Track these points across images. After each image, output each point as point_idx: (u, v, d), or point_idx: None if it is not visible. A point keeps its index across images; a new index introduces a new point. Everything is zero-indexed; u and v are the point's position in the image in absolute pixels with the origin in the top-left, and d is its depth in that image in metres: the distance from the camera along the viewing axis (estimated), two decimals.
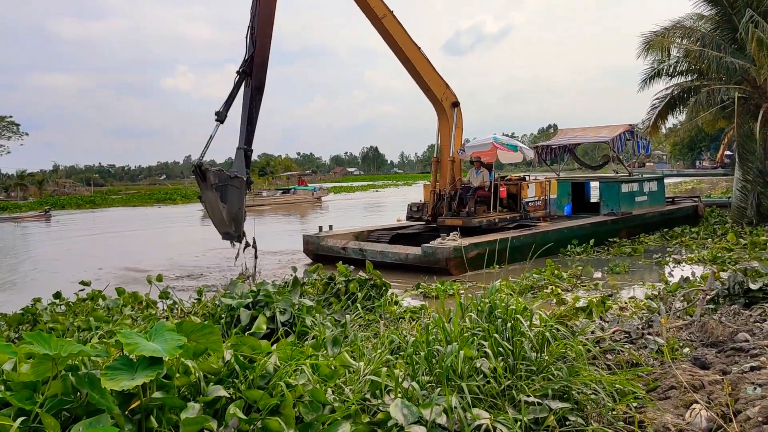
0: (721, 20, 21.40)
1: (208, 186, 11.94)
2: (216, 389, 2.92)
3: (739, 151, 20.45)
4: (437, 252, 13.77)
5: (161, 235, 28.02)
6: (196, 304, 8.62)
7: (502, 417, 3.23)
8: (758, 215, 19.09)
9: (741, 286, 7.08)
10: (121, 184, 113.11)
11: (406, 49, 16.04)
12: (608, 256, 15.84)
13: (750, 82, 20.42)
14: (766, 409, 3.24)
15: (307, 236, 17.43)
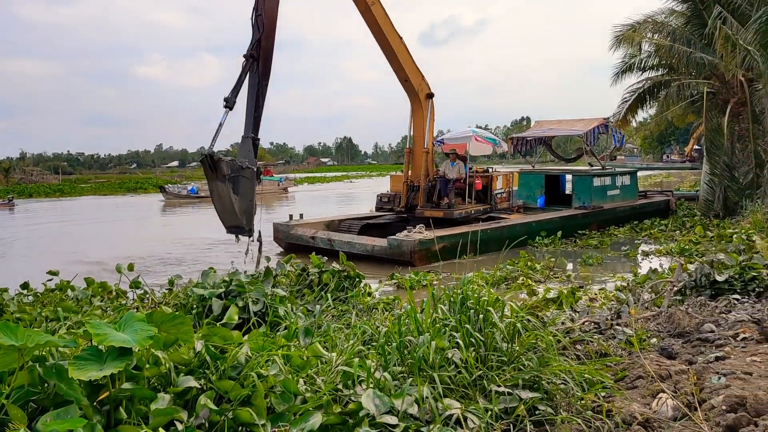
0: (692, 16, 21.75)
1: (219, 177, 11.31)
2: (186, 380, 2.90)
3: (707, 145, 20.81)
4: (402, 244, 13.89)
5: (132, 225, 27.65)
6: (167, 294, 8.53)
7: (473, 407, 3.26)
8: (725, 208, 19.46)
9: (707, 278, 7.22)
10: (91, 172, 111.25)
11: (390, 38, 15.96)
12: (575, 248, 16.06)
13: (718, 78, 20.80)
14: (730, 398, 3.31)
15: (277, 224, 17.43)
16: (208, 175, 11.47)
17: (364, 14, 15.52)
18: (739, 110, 20.53)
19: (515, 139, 23.10)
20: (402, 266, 13.04)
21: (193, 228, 24.06)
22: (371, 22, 15.61)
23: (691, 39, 20.77)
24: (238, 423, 2.77)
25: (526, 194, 20.95)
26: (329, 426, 2.90)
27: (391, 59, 16.46)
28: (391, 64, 16.62)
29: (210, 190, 11.68)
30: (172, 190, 42.01)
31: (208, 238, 19.83)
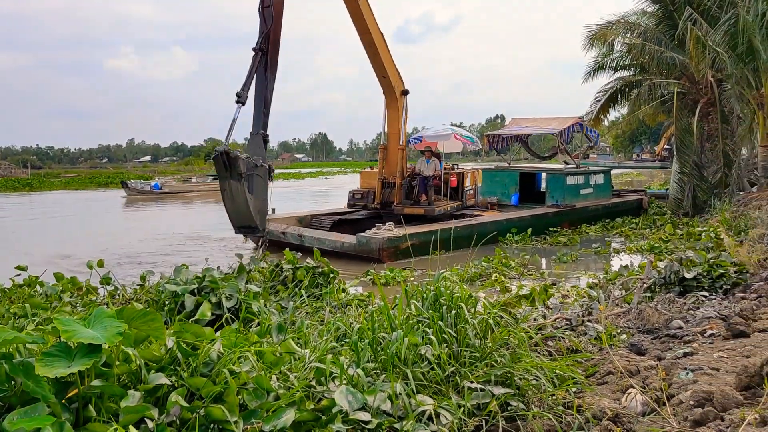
0: (663, 17, 22.06)
1: (234, 175, 10.91)
2: (157, 377, 2.87)
3: (677, 144, 21.14)
4: (371, 241, 13.95)
5: (103, 220, 27.25)
6: (139, 291, 8.43)
7: (446, 403, 3.28)
8: (694, 207, 19.81)
9: (676, 275, 7.35)
10: (60, 166, 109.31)
11: (374, 34, 15.93)
12: (545, 246, 16.22)
13: (689, 78, 21.13)
14: (697, 394, 3.37)
15: None
16: (220, 174, 11.02)
17: (351, 9, 15.45)
18: (709, 110, 20.89)
19: (491, 137, 23.23)
20: (372, 263, 13.07)
21: (164, 224, 23.75)
22: (358, 17, 15.52)
23: (662, 39, 21.07)
24: (209, 420, 2.75)
25: (501, 192, 21.04)
26: (302, 423, 2.89)
27: (373, 55, 16.44)
28: (373, 60, 16.59)
29: (222, 189, 11.23)
30: (134, 185, 40.69)
31: (181, 234, 19.69)
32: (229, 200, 11.23)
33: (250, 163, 11.12)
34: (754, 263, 7.97)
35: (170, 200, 36.34)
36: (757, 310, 5.68)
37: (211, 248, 16.96)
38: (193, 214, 28.95)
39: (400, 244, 13.87)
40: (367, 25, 15.65)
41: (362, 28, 15.75)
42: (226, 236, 18.74)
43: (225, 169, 10.88)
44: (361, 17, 15.47)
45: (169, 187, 41.02)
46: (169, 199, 37.28)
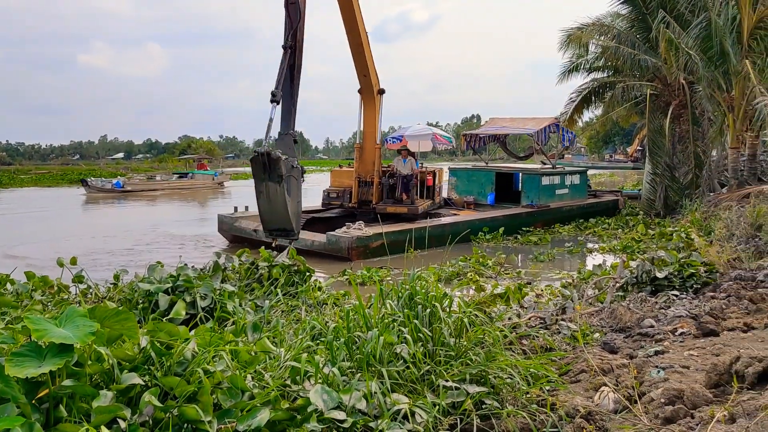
0: (637, 19, 22.35)
1: (274, 177, 10.62)
2: (130, 377, 2.84)
3: (649, 145, 21.44)
4: (340, 240, 14.02)
5: (75, 217, 26.87)
6: (112, 289, 8.31)
7: (421, 401, 3.29)
8: (665, 207, 20.11)
9: (648, 275, 7.45)
10: (31, 163, 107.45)
11: (361, 32, 15.92)
12: (516, 245, 16.34)
13: (661, 80, 21.44)
14: (668, 391, 3.42)
15: (221, 216, 17.40)
16: (258, 175, 10.71)
17: (344, 8, 15.40)
18: (680, 112, 21.22)
19: (468, 136, 23.33)
20: (341, 262, 13.14)
21: (127, 222, 23.48)
22: (350, 16, 15.47)
23: (635, 42, 21.36)
24: (183, 420, 2.72)
25: (477, 191, 21.15)
26: (277, 422, 2.88)
27: (358, 54, 16.43)
28: (357, 58, 16.58)
29: (258, 191, 10.88)
30: (94, 183, 39.43)
31: (154, 233, 19.48)
32: (265, 202, 10.91)
33: (287, 164, 10.87)
34: (724, 263, 8.11)
35: (133, 199, 35.52)
36: (726, 309, 5.78)
37: (182, 247, 16.81)
38: (158, 212, 28.48)
39: (370, 243, 14.02)
40: (357, 24, 15.64)
41: (351, 27, 15.73)
42: (195, 234, 18.66)
43: (263, 171, 10.60)
44: (353, 16, 15.46)
45: (131, 185, 40.20)
46: (131, 197, 36.39)
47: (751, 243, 9.60)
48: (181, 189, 42.06)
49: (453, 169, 22.86)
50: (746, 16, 16.76)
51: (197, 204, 33.80)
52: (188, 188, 42.69)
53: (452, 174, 22.28)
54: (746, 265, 7.91)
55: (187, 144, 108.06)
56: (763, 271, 7.04)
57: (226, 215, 17.32)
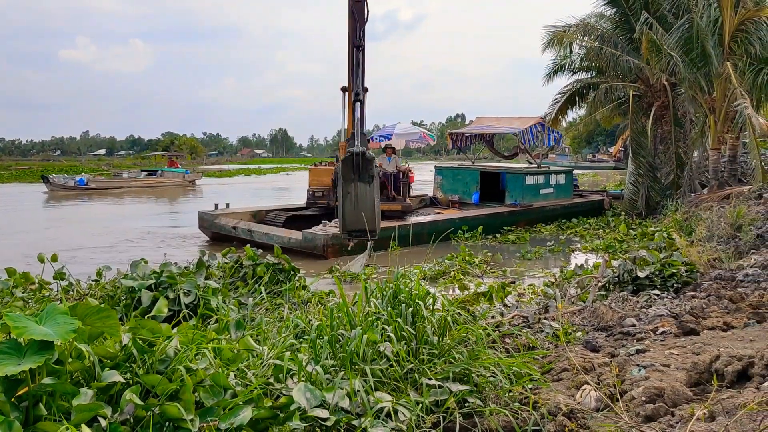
0: (620, 20, 22.51)
1: (365, 178, 10.40)
2: (111, 374, 2.81)
3: (632, 146, 21.60)
4: (316, 238, 14.03)
5: (55, 214, 26.58)
6: (94, 286, 8.23)
7: (404, 400, 3.29)
8: (647, 207, 20.30)
9: (630, 274, 7.51)
10: (11, 159, 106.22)
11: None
12: (494, 243, 16.38)
13: (644, 81, 21.61)
14: (649, 390, 3.45)
15: (202, 213, 17.44)
16: (347, 176, 10.47)
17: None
18: (663, 113, 21.40)
19: (454, 135, 23.36)
20: (317, 260, 13.25)
21: (115, 219, 23.26)
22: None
23: (618, 43, 21.50)
24: (165, 418, 2.70)
25: (462, 190, 21.16)
26: (260, 420, 2.87)
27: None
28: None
29: (345, 192, 10.62)
30: (56, 180, 37.96)
31: (136, 229, 19.33)
32: (350, 203, 10.65)
33: (374, 165, 10.72)
34: (704, 263, 8.21)
35: (97, 196, 34.30)
36: (706, 308, 5.85)
37: (169, 243, 16.70)
38: (121, 211, 27.70)
39: (345, 240, 13.94)
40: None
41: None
42: (176, 232, 18.55)
43: (354, 171, 10.39)
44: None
45: (96, 183, 39.04)
46: (96, 195, 35.13)
47: (731, 243, 9.72)
48: (150, 187, 40.52)
49: (439, 168, 22.86)
50: (728, 18, 16.95)
51: (165, 202, 32.68)
52: (157, 186, 41.08)
53: (438, 173, 22.29)
54: (726, 265, 8.01)
55: (170, 141, 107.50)
56: (742, 271, 7.13)
57: (206, 212, 17.35)
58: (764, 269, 7.05)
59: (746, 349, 4.09)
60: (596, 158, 74.22)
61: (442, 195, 21.29)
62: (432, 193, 21.85)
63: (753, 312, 5.35)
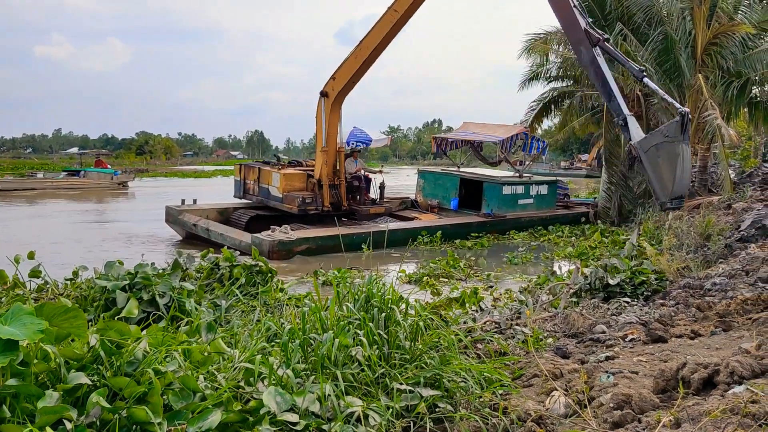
0: None
1: (686, 138, 10.13)
2: (77, 376, 2.76)
3: (606, 155, 21.86)
4: (263, 243, 14.13)
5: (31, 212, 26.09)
6: (69, 286, 8.07)
7: (375, 404, 3.29)
8: (620, 215, 20.55)
9: (601, 282, 7.61)
10: None
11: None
12: (453, 248, 16.35)
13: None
14: (617, 396, 3.49)
15: (169, 207, 17.51)
16: (676, 137, 10.13)
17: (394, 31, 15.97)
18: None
19: (439, 139, 23.36)
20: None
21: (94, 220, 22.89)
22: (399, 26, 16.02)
23: None
24: (132, 422, 2.67)
25: (443, 195, 21.05)
26: (228, 424, 2.85)
27: (368, 64, 16.72)
28: (362, 69, 16.82)
29: (675, 153, 10.19)
30: None
31: (119, 231, 19.00)
32: (680, 165, 10.28)
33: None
34: (674, 271, 8.33)
35: (3, 199, 30.15)
36: (675, 316, 5.93)
37: (128, 246, 16.50)
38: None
39: (294, 247, 14.31)
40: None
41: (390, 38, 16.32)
42: (148, 233, 18.33)
43: (682, 132, 10.12)
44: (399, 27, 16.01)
45: (2, 184, 34.80)
46: (10, 197, 31.14)
47: (700, 252, 9.89)
48: (69, 189, 35.53)
49: (422, 171, 22.77)
50: (701, 32, 17.27)
51: (95, 204, 29.38)
52: (78, 188, 36.26)
53: (421, 176, 22.20)
54: (695, 274, 8.14)
55: (144, 140, 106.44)
56: (710, 279, 7.25)
57: (173, 207, 17.48)
58: (732, 278, 7.17)
59: (712, 357, 4.16)
60: (574, 166, 74.92)
61: (423, 199, 21.26)
62: (414, 196, 21.82)
63: (720, 320, 5.44)
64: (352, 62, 16.70)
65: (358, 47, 16.57)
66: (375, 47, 16.26)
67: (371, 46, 16.29)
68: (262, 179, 18.38)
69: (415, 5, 15.69)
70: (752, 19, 17.75)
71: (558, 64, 23.94)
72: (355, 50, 16.62)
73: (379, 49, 16.43)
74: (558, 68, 24.17)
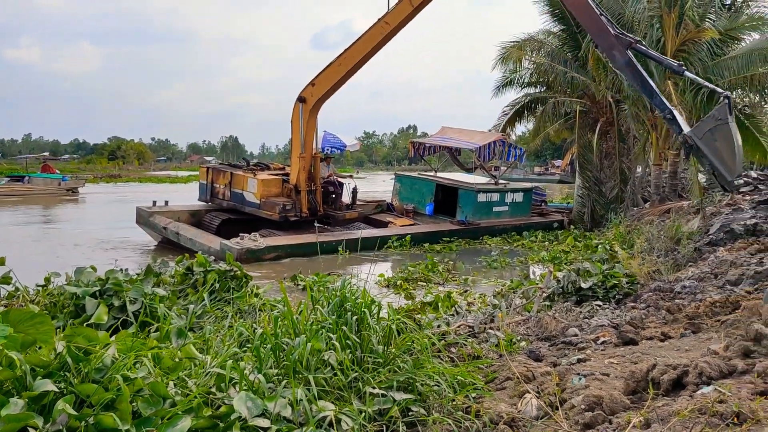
0: (567, 38, 23.08)
1: (732, 119, 10.05)
2: (43, 383, 2.71)
3: (579, 160, 22.09)
4: (231, 250, 13.94)
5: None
6: (40, 292, 7.91)
7: (347, 408, 3.28)
8: (592, 220, 20.78)
9: (574, 285, 7.68)
10: None
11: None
12: (419, 252, 16.37)
13: (590, 97, 22.20)
14: (588, 398, 3.52)
15: (140, 208, 17.23)
16: (727, 118, 10.06)
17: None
18: (608, 129, 21.98)
19: (416, 144, 23.38)
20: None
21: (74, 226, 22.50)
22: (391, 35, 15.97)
23: (566, 59, 22.02)
24: (99, 429, 2.63)
25: (418, 200, 21.02)
26: (198, 430, 2.82)
27: (349, 74, 16.68)
28: (346, 78, 16.76)
29: (730, 133, 10.04)
30: None
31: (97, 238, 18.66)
32: (737, 144, 10.11)
33: None
34: (645, 275, 8.44)
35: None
36: (645, 319, 6.01)
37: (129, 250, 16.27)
38: None
39: (262, 255, 14.26)
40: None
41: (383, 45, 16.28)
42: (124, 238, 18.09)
43: (729, 113, 10.08)
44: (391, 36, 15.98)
45: None
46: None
47: (670, 256, 10.03)
48: (10, 196, 32.96)
49: (399, 175, 22.74)
50: (670, 38, 17.54)
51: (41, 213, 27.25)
52: (21, 195, 33.65)
53: (397, 180, 22.15)
54: (665, 277, 8.25)
55: (116, 145, 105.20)
56: (680, 282, 7.36)
57: (144, 208, 17.20)
58: (701, 281, 7.28)
59: (682, 358, 4.21)
60: (548, 171, 75.63)
61: (399, 203, 21.23)
62: (390, 200, 21.78)
63: (689, 322, 5.52)
64: (336, 70, 16.56)
65: (342, 55, 16.44)
66: (361, 57, 16.19)
67: (358, 56, 16.20)
68: (234, 184, 17.90)
69: (407, 20, 15.67)
70: (719, 26, 18.09)
71: (531, 71, 24.16)
72: (339, 58, 16.48)
73: (366, 58, 16.36)
74: (531, 74, 24.39)
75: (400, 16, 15.50)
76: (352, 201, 19.29)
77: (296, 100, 17.24)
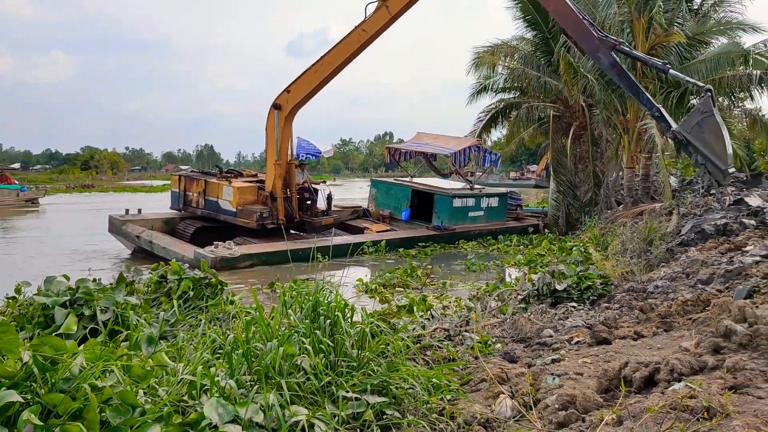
0: (540, 43, 23.33)
1: (717, 109, 10.35)
2: (8, 394, 2.65)
3: (553, 165, 22.29)
4: (206, 259, 13.86)
5: None
6: (10, 303, 7.75)
7: (321, 413, 3.25)
8: (567, 223, 20.98)
9: (549, 287, 7.72)
10: None
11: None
12: (397, 257, 16.45)
13: (563, 102, 22.44)
14: (562, 397, 3.54)
15: (112, 217, 17.01)
16: (711, 110, 10.27)
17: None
18: (581, 133, 22.21)
19: (392, 149, 23.39)
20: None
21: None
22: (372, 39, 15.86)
23: (540, 65, 22.25)
24: None
25: (394, 205, 21.04)
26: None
27: (327, 81, 16.63)
28: (322, 84, 16.71)
29: (716, 123, 10.25)
30: None
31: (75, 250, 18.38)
32: (725, 134, 10.29)
33: None
34: (618, 276, 8.53)
35: None
36: (619, 319, 6.06)
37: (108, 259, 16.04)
38: None
39: (237, 263, 14.20)
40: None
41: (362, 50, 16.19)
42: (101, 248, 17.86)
43: (713, 105, 10.31)
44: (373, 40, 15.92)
45: None
46: None
47: (643, 257, 10.15)
48: None
49: (375, 181, 22.78)
50: (640, 43, 17.79)
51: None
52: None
53: (373, 185, 22.17)
54: (638, 278, 8.34)
55: (89, 155, 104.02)
56: (652, 282, 7.44)
57: (116, 216, 17.01)
58: (673, 281, 7.37)
59: (654, 356, 4.25)
60: (524, 176, 76.16)
61: (375, 209, 21.23)
62: (366, 205, 21.79)
63: (661, 321, 5.58)
64: (312, 76, 16.50)
65: (319, 62, 16.36)
66: (338, 64, 16.14)
67: (334, 63, 16.13)
68: (209, 192, 17.67)
69: (384, 27, 15.65)
70: (687, 31, 18.40)
71: (505, 76, 24.35)
72: (315, 65, 16.40)
73: (342, 66, 16.30)
74: (505, 80, 24.58)
75: (377, 23, 15.46)
76: (327, 207, 19.23)
77: (271, 107, 17.12)
